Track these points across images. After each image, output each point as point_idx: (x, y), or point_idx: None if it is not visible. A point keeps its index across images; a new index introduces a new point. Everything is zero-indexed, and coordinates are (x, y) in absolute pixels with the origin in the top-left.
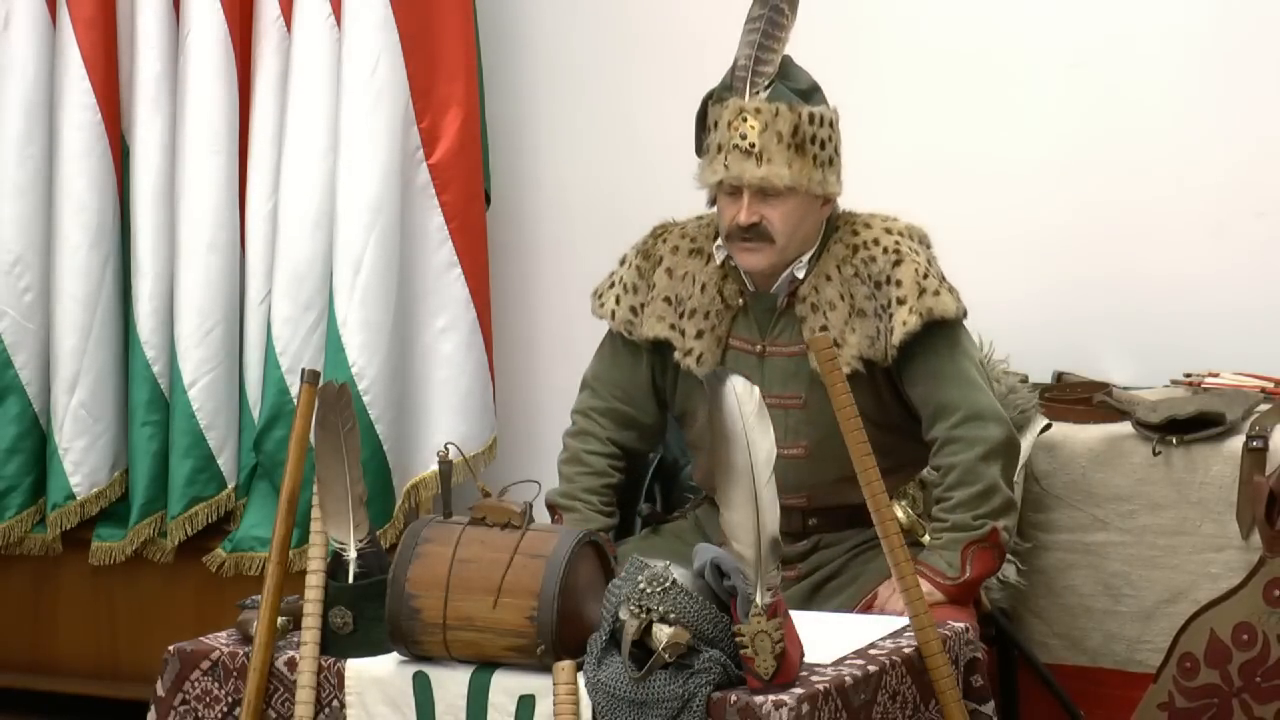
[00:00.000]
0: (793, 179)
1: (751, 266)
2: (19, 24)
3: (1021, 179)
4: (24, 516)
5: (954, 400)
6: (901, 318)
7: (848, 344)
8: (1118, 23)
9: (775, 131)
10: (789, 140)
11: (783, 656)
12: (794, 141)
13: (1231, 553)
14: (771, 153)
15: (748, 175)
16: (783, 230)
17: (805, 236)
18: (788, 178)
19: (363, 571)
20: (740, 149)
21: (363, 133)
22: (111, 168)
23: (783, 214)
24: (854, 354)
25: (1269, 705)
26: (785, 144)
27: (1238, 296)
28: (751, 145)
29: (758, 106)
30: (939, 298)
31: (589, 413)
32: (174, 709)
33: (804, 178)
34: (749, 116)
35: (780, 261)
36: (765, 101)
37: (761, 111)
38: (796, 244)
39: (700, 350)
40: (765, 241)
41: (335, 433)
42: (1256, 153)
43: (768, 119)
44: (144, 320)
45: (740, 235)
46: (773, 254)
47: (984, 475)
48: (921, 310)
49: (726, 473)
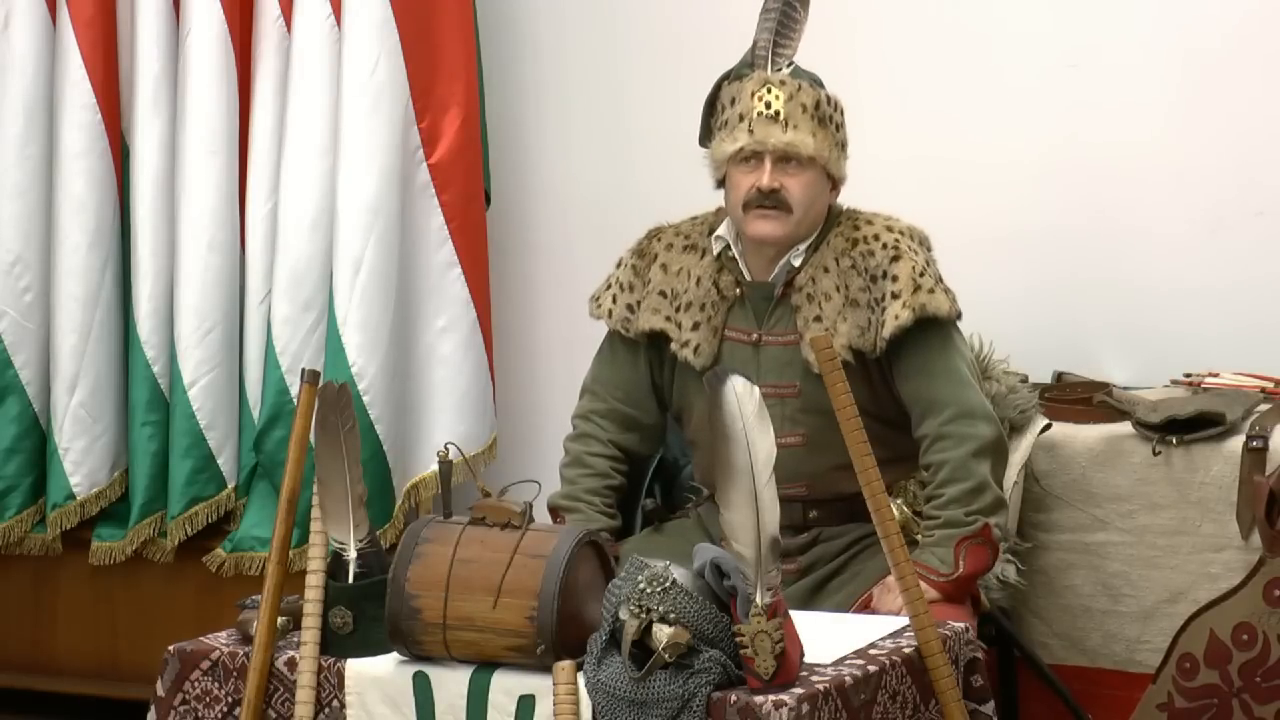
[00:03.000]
0: (816, 149)
1: (766, 235)
2: (19, 24)
3: (1021, 179)
4: (24, 516)
5: (944, 397)
6: (894, 311)
7: (838, 333)
8: (1117, 22)
9: (800, 103)
10: (813, 112)
11: (783, 656)
12: (817, 115)
13: (1231, 553)
14: (797, 120)
15: (774, 139)
16: (801, 201)
17: (814, 218)
18: (812, 146)
19: (363, 571)
20: (765, 115)
21: (362, 133)
22: (111, 168)
23: (802, 184)
24: (843, 343)
25: (1269, 705)
26: (810, 115)
27: (1238, 296)
28: (777, 113)
29: (782, 79)
30: (933, 295)
31: (590, 415)
32: (174, 709)
33: (825, 150)
34: (774, 87)
35: (791, 235)
36: (789, 76)
37: (786, 84)
38: (808, 223)
39: (697, 342)
40: (783, 210)
41: (335, 433)
42: (1256, 153)
43: (792, 91)
44: (144, 320)
45: (759, 202)
46: (788, 224)
47: (975, 472)
48: (915, 306)
49: (726, 472)
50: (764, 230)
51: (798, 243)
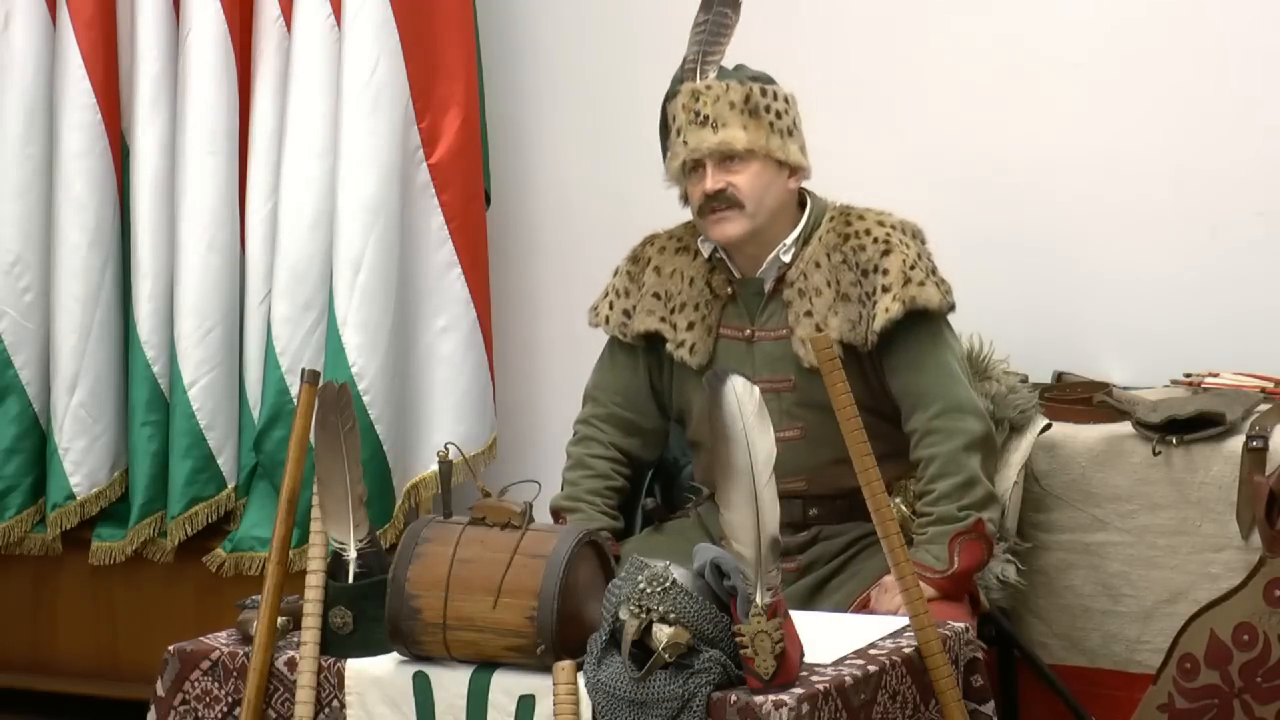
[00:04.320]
0: (749, 141)
1: (726, 236)
2: (19, 24)
3: (1021, 178)
4: (24, 516)
5: (933, 391)
6: (884, 305)
7: (829, 327)
8: (1119, 22)
9: (727, 101)
10: (741, 107)
11: (783, 656)
12: (746, 108)
13: (1231, 553)
14: (726, 118)
15: (706, 143)
16: (750, 194)
17: (775, 207)
18: (744, 140)
19: (363, 571)
20: (695, 123)
21: (362, 133)
22: (111, 168)
23: (747, 178)
24: (835, 338)
25: (1269, 706)
26: (738, 110)
27: (1238, 296)
28: (706, 117)
29: (708, 84)
30: (924, 288)
31: (591, 420)
32: (174, 709)
33: (761, 139)
34: (700, 94)
35: (754, 230)
36: (715, 80)
37: (712, 88)
38: (767, 213)
39: (692, 341)
40: (734, 208)
41: (335, 433)
42: (1256, 152)
43: (719, 93)
44: (144, 320)
45: (710, 206)
46: (744, 220)
47: (965, 466)
48: (905, 299)
49: (726, 473)
50: (723, 232)
51: (765, 232)
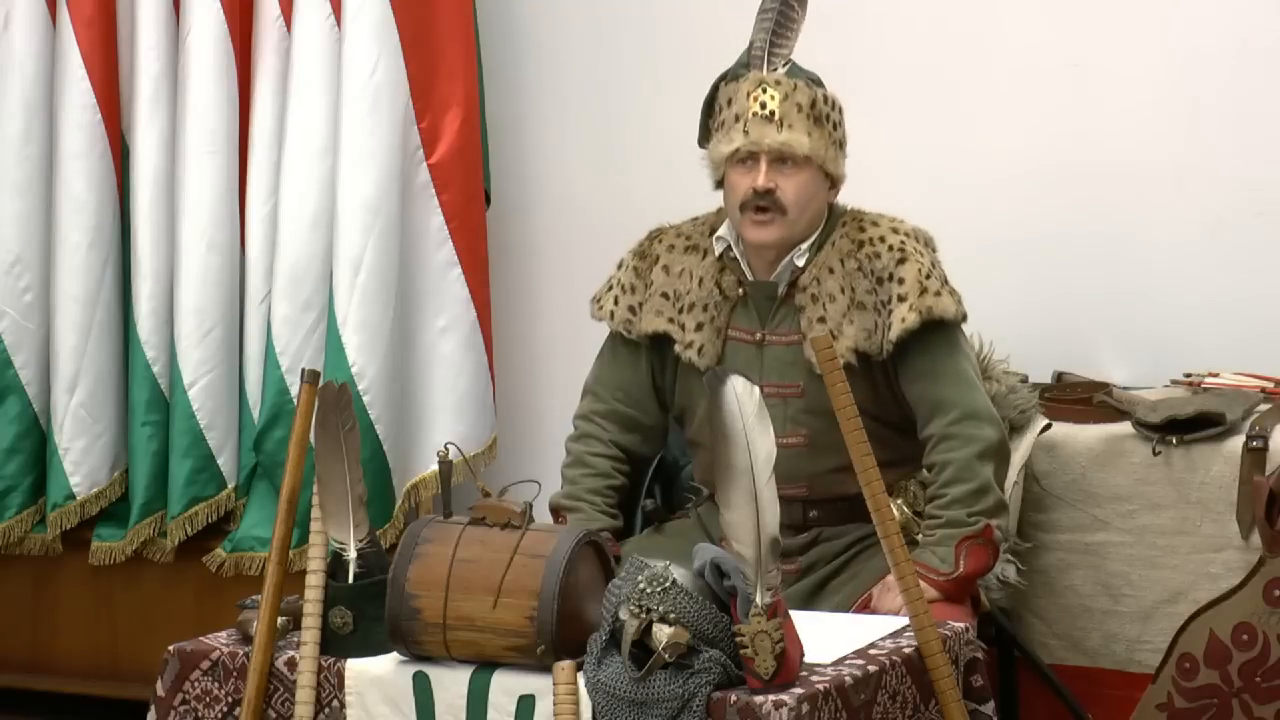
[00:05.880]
0: (811, 148)
1: (762, 240)
2: (19, 24)
3: (1021, 179)
4: (24, 516)
5: (950, 398)
6: (901, 314)
7: (844, 335)
8: (1116, 22)
9: (795, 102)
10: (808, 111)
11: (783, 656)
12: (812, 114)
13: (1231, 553)
14: (792, 120)
15: (768, 139)
16: (795, 202)
17: (811, 219)
18: (807, 145)
19: (363, 571)
20: (760, 116)
21: (362, 133)
22: (111, 167)
23: (797, 185)
24: (849, 345)
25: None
26: (805, 114)
27: (1237, 296)
28: (772, 113)
29: (778, 79)
30: (940, 298)
31: (591, 416)
32: (174, 709)
33: (821, 149)
34: (769, 87)
35: (788, 238)
36: (785, 76)
37: (781, 84)
38: (804, 224)
39: (700, 342)
40: (778, 213)
41: (335, 433)
42: (1256, 153)
43: (788, 90)
44: (144, 320)
45: (754, 205)
46: (783, 227)
47: (979, 473)
48: (921, 309)
49: (726, 472)
50: (760, 236)
51: (797, 243)
